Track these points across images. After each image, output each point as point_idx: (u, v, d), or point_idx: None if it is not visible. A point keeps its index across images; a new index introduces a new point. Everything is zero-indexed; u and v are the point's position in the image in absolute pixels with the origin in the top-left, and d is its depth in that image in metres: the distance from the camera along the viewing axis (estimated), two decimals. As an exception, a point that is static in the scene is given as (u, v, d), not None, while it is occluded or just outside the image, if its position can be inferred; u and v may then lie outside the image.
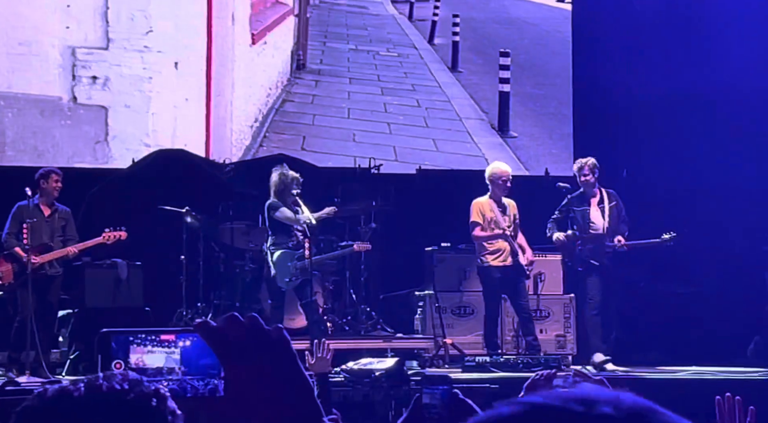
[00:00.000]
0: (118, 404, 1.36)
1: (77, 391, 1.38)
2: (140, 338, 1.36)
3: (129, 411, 1.36)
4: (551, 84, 13.15)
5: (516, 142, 12.97)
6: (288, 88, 12.88)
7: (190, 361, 1.37)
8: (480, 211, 9.94)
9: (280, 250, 9.89)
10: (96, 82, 11.73)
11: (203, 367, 1.29)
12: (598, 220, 10.12)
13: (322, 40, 13.23)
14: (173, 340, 1.39)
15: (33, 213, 9.14)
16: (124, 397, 1.37)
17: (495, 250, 9.91)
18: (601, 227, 10.11)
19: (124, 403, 1.37)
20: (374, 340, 10.37)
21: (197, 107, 12.12)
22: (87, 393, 1.37)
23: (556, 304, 10.76)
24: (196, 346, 1.34)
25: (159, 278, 10.56)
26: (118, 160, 11.71)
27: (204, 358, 1.30)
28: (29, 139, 11.56)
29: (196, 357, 1.37)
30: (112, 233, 9.49)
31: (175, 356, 1.36)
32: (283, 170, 9.80)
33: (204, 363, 1.30)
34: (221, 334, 1.44)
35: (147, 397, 1.39)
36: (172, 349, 1.37)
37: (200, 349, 1.29)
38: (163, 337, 1.40)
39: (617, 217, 10.11)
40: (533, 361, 9.68)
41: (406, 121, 12.90)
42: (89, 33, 11.75)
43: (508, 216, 9.98)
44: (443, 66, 13.39)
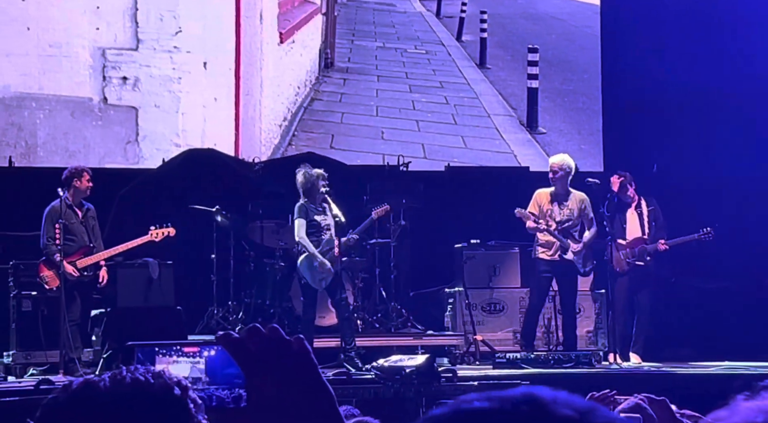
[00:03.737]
0: (142, 395, 1.40)
1: (102, 383, 1.41)
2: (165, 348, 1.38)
3: (152, 401, 1.39)
4: (580, 79, 13.10)
5: (544, 138, 12.94)
6: (316, 87, 12.91)
7: (214, 370, 1.39)
8: (537, 202, 9.85)
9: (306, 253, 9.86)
10: (126, 83, 11.81)
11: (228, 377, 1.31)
12: (634, 224, 10.13)
13: (350, 38, 13.25)
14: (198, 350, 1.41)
15: (67, 214, 9.21)
16: (147, 388, 1.40)
17: (544, 242, 9.84)
18: (637, 231, 10.12)
19: (147, 394, 1.40)
20: (404, 338, 10.39)
21: (226, 107, 12.18)
22: (111, 385, 1.40)
23: (586, 301, 10.72)
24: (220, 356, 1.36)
25: (190, 277, 10.62)
26: (149, 160, 11.79)
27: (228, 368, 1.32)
28: (60, 140, 11.66)
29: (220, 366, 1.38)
30: (160, 230, 9.54)
31: (200, 366, 1.38)
32: (306, 169, 9.81)
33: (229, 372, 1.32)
34: (243, 345, 1.46)
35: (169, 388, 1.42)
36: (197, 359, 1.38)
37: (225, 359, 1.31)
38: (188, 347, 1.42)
39: (655, 221, 10.10)
40: (564, 357, 9.65)
41: (435, 119, 12.90)
42: (119, 34, 11.83)
43: (565, 209, 9.83)
44: (471, 62, 13.37)
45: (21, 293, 9.55)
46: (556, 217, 9.77)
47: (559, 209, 9.79)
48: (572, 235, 9.82)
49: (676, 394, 8.00)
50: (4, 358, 9.58)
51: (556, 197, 9.83)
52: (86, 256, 9.28)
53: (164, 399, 1.40)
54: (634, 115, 12.50)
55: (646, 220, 10.18)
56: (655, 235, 10.13)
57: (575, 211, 9.82)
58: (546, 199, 9.82)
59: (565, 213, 9.79)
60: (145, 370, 1.44)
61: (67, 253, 9.15)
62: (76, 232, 9.25)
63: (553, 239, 9.75)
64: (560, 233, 9.74)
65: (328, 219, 9.74)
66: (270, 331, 1.49)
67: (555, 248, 9.78)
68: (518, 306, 10.59)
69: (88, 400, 1.38)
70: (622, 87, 12.62)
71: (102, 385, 1.40)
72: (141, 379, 1.41)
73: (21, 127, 11.52)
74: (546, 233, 9.73)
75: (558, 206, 9.80)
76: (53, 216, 9.21)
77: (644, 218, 10.18)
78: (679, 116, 12.32)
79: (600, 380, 9.09)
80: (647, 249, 10.09)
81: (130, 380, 1.41)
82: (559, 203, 9.81)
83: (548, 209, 9.77)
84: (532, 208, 9.81)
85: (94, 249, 9.36)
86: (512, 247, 10.86)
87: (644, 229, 10.16)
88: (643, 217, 10.18)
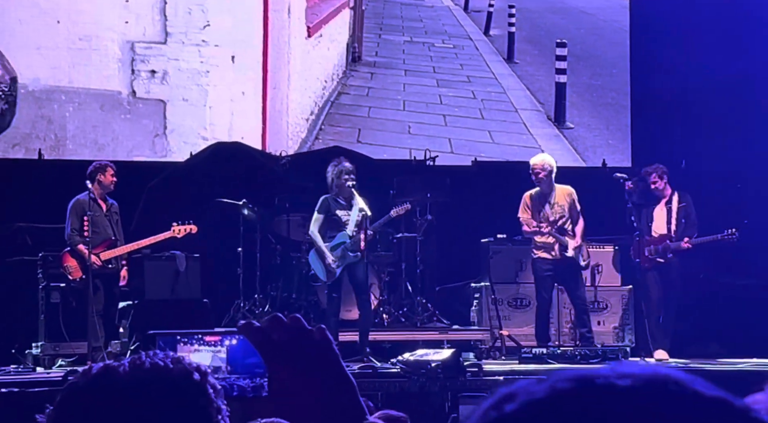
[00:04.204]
0: (161, 380, 1.39)
1: (121, 368, 1.41)
2: (187, 337, 1.39)
3: (172, 386, 1.39)
4: (608, 74, 13.03)
5: (572, 133, 12.88)
6: (343, 81, 12.91)
7: (236, 360, 1.39)
8: (527, 205, 9.85)
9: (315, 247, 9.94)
10: (154, 76, 11.86)
11: (249, 366, 1.31)
12: (661, 220, 10.04)
13: (377, 33, 13.24)
14: (219, 339, 1.41)
15: (92, 207, 9.27)
16: (166, 373, 1.40)
17: (542, 244, 9.83)
18: (663, 227, 10.03)
19: (166, 379, 1.39)
20: (430, 332, 10.39)
21: (254, 100, 12.21)
22: (131, 369, 1.40)
23: (614, 296, 10.67)
24: (242, 345, 1.36)
25: (216, 270, 10.66)
26: (176, 153, 11.84)
27: (250, 358, 1.32)
28: (89, 132, 11.73)
29: (242, 356, 1.39)
30: (182, 227, 9.60)
31: (221, 355, 1.38)
32: (335, 162, 9.83)
33: (250, 362, 1.32)
34: (265, 335, 1.46)
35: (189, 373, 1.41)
36: (218, 348, 1.39)
37: (246, 349, 1.30)
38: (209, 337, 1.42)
39: (685, 218, 9.99)
40: (591, 352, 9.62)
41: (462, 113, 12.87)
42: (148, 27, 11.89)
43: (556, 207, 9.82)
44: (499, 57, 13.33)
45: (50, 285, 9.63)
46: (550, 217, 9.76)
47: (551, 208, 9.78)
48: (568, 232, 9.81)
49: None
50: (33, 349, 9.66)
51: (545, 197, 9.82)
52: (109, 249, 9.34)
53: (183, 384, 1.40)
54: (663, 111, 12.42)
55: (674, 216, 10.09)
56: (684, 232, 10.01)
57: (565, 206, 9.82)
58: (535, 200, 9.81)
59: (557, 211, 9.80)
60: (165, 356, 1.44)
61: (92, 245, 9.21)
62: (100, 225, 9.31)
63: (551, 240, 9.74)
64: (557, 232, 9.73)
65: (350, 214, 9.75)
66: (291, 320, 1.49)
67: (557, 248, 9.74)
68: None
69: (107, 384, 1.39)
70: (651, 82, 12.54)
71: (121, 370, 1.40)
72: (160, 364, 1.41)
73: (51, 120, 11.60)
74: (545, 234, 9.72)
75: (548, 206, 9.78)
76: (78, 208, 9.28)
77: (672, 214, 10.09)
78: (708, 111, 12.23)
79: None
80: (670, 246, 9.99)
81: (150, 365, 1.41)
82: (549, 203, 9.79)
83: (540, 210, 9.74)
84: (523, 212, 9.80)
85: (117, 242, 9.42)
86: (539, 242, 10.81)
87: (670, 226, 10.06)
88: (672, 213, 10.09)
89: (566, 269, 9.82)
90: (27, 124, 11.50)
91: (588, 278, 10.50)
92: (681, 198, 10.11)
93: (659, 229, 10.09)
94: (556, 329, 10.48)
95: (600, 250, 10.73)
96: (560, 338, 10.43)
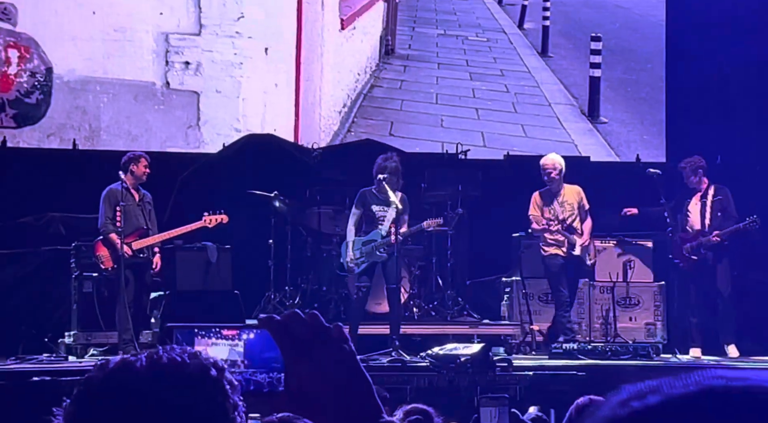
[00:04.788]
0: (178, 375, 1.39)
1: (138, 362, 1.40)
2: (204, 331, 1.38)
3: (189, 381, 1.39)
4: (643, 69, 12.92)
5: (606, 128, 12.79)
6: (376, 74, 12.90)
7: (253, 354, 1.39)
8: (537, 204, 9.88)
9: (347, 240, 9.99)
10: (188, 68, 11.91)
11: (266, 361, 1.31)
12: (695, 215, 9.95)
13: (410, 26, 13.21)
14: (237, 333, 1.41)
15: (125, 197, 9.33)
16: (183, 369, 1.39)
17: (553, 241, 9.84)
18: (698, 222, 9.94)
19: (183, 374, 1.39)
20: (460, 326, 10.36)
21: (286, 92, 12.23)
22: (148, 364, 1.39)
23: (645, 292, 10.60)
24: (259, 340, 1.36)
25: (247, 262, 10.69)
26: (209, 144, 11.89)
27: (267, 352, 1.31)
28: (123, 123, 11.80)
29: (259, 350, 1.38)
30: (213, 217, 9.64)
31: (238, 349, 1.38)
32: (383, 156, 9.81)
33: (267, 356, 1.32)
34: (285, 329, 1.46)
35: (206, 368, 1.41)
36: (235, 342, 1.38)
37: (264, 343, 1.31)
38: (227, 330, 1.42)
39: (720, 212, 9.88)
40: (622, 349, 9.57)
41: (495, 107, 12.82)
42: (182, 19, 11.93)
43: (566, 205, 9.84)
44: (533, 51, 13.26)
45: (82, 274, 9.70)
46: (559, 215, 9.81)
47: (560, 207, 9.83)
48: (576, 231, 9.85)
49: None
50: (66, 338, 9.74)
51: (555, 196, 9.88)
52: (141, 238, 9.39)
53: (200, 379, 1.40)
54: (698, 105, 12.30)
55: (708, 209, 9.97)
56: (720, 226, 9.90)
57: (575, 205, 9.88)
58: (545, 199, 9.87)
59: (567, 209, 9.86)
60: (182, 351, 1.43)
61: (123, 234, 9.26)
62: (132, 214, 9.36)
63: (561, 238, 9.76)
64: (566, 230, 9.77)
65: (387, 210, 9.75)
66: (310, 317, 1.49)
67: (565, 246, 9.78)
68: (576, 297, 10.50)
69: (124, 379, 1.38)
70: (686, 76, 12.42)
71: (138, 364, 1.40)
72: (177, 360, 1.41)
73: (85, 111, 11.68)
74: (555, 233, 9.73)
75: (558, 204, 9.83)
76: (111, 198, 9.34)
77: (707, 208, 9.98)
78: (744, 106, 12.10)
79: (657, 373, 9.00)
80: (702, 242, 9.90)
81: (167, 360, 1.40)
82: (558, 201, 9.84)
83: (550, 209, 9.75)
84: (533, 210, 9.84)
85: (149, 231, 9.47)
86: (571, 238, 10.76)
87: (704, 220, 9.96)
88: (706, 207, 9.98)
89: (573, 267, 9.86)
90: (62, 115, 11.59)
91: (620, 274, 10.44)
92: (717, 191, 10.00)
93: (695, 225, 10.00)
94: (587, 325, 10.43)
95: (633, 245, 10.65)
96: (591, 334, 10.38)
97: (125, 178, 9.34)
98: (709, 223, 9.93)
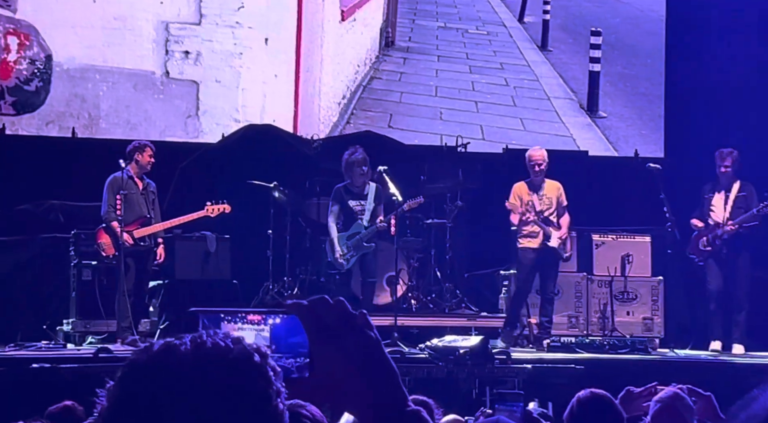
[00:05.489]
0: (222, 360, 1.38)
1: (183, 346, 1.39)
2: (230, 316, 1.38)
3: (232, 367, 1.37)
4: (643, 64, 12.94)
5: (605, 123, 12.81)
6: (376, 66, 12.89)
7: (279, 339, 1.39)
8: (517, 194, 9.92)
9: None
10: (188, 57, 11.89)
11: (293, 346, 1.31)
12: (719, 209, 9.99)
13: (411, 18, 13.20)
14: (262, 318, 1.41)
15: (128, 185, 9.32)
16: (227, 353, 1.39)
17: (528, 233, 9.90)
18: (720, 216, 9.98)
19: (227, 360, 1.38)
20: (458, 319, 10.38)
21: (286, 83, 12.21)
22: (192, 348, 1.38)
23: (643, 287, 10.62)
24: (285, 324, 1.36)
25: (246, 252, 10.69)
26: (208, 134, 11.87)
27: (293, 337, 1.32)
28: (122, 112, 11.77)
29: (285, 335, 1.38)
30: (216, 206, 9.63)
31: (264, 334, 1.38)
32: (348, 151, 9.97)
33: (294, 341, 1.32)
34: (313, 314, 1.47)
35: (250, 354, 1.40)
36: (261, 327, 1.38)
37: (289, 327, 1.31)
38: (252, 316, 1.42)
39: (745, 208, 9.91)
40: (620, 343, 9.60)
41: (494, 100, 12.82)
42: (182, 8, 11.91)
43: (544, 198, 9.93)
44: (533, 44, 13.26)
45: (81, 262, 9.70)
46: (537, 206, 9.91)
47: (539, 199, 9.94)
48: (553, 223, 9.92)
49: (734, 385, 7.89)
50: (64, 325, 9.74)
51: (535, 188, 10.00)
52: (143, 227, 9.38)
53: (244, 365, 1.38)
54: (697, 101, 12.32)
55: (730, 203, 10.00)
56: (743, 220, 9.91)
57: (553, 199, 10.00)
58: (525, 190, 9.99)
59: (545, 202, 9.98)
60: (225, 336, 1.42)
61: (125, 222, 9.26)
62: (135, 203, 9.36)
63: (537, 229, 9.83)
64: (542, 222, 9.83)
65: (364, 204, 9.88)
66: (336, 303, 1.50)
67: (540, 237, 9.83)
68: (573, 290, 10.53)
69: (169, 362, 1.37)
70: (685, 72, 12.43)
71: (183, 348, 1.39)
72: (221, 345, 1.39)
73: (84, 99, 11.65)
74: (531, 224, 9.82)
75: (537, 196, 9.94)
76: (115, 186, 9.33)
77: (729, 202, 10.01)
78: (744, 103, 12.12)
79: (655, 367, 9.03)
80: (718, 234, 9.95)
81: (211, 344, 1.39)
82: (537, 194, 9.96)
83: (528, 200, 9.90)
84: (513, 199, 9.96)
85: (152, 220, 9.46)
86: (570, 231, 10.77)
87: (725, 214, 9.98)
88: (728, 201, 10.01)
89: (547, 258, 9.92)
90: (61, 103, 11.56)
91: (618, 268, 10.47)
92: (742, 187, 10.05)
93: (717, 218, 10.04)
94: (585, 319, 10.46)
95: (631, 240, 10.69)
96: (588, 328, 10.41)
97: (129, 167, 9.34)
98: (728, 217, 9.96)
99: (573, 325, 10.37)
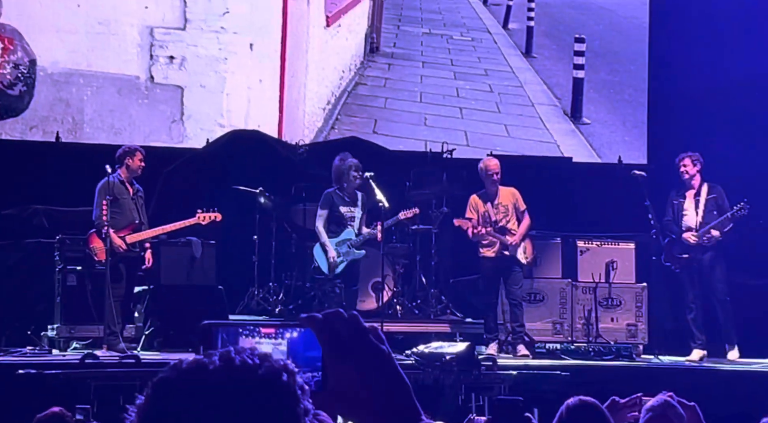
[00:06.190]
0: (250, 378, 1.38)
1: (212, 364, 1.39)
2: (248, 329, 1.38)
3: (260, 385, 1.38)
4: (626, 70, 13.01)
5: (589, 129, 12.87)
6: (361, 71, 12.90)
7: (296, 352, 1.39)
8: (473, 207, 10.00)
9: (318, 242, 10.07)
10: (173, 62, 11.86)
11: (310, 360, 1.31)
12: (691, 213, 9.97)
13: (396, 24, 13.22)
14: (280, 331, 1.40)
15: (119, 190, 9.28)
16: (255, 372, 1.39)
17: (488, 243, 9.97)
18: (693, 220, 9.95)
19: (255, 378, 1.38)
20: (443, 325, 10.40)
21: (271, 88, 12.21)
22: (222, 365, 1.39)
23: (627, 293, 10.66)
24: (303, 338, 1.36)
25: (232, 257, 10.68)
26: (193, 139, 11.85)
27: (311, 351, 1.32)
28: (107, 117, 11.73)
29: (303, 349, 1.38)
30: (207, 214, 9.61)
31: (281, 348, 1.37)
32: (342, 156, 9.98)
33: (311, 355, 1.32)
34: (328, 327, 1.47)
35: (278, 372, 1.40)
36: (278, 341, 1.38)
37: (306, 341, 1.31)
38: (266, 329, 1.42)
39: (717, 210, 9.89)
40: (604, 349, 9.63)
41: (478, 106, 12.86)
42: (167, 13, 11.88)
43: (500, 207, 9.99)
44: (517, 51, 13.31)
45: (66, 268, 9.65)
46: (492, 217, 9.95)
47: (494, 209, 10.00)
48: (509, 231, 9.97)
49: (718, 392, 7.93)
50: (49, 331, 9.69)
51: (490, 198, 10.05)
52: (135, 232, 9.35)
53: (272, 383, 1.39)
54: (680, 108, 12.40)
55: (702, 207, 9.97)
56: (716, 224, 9.88)
57: (509, 206, 10.04)
58: (480, 202, 10.03)
59: (501, 211, 10.03)
60: (251, 353, 1.42)
61: (117, 227, 9.21)
62: (126, 208, 9.32)
63: (494, 239, 9.89)
64: (498, 232, 9.91)
65: (354, 211, 9.89)
66: (350, 317, 1.50)
67: (498, 245, 9.92)
68: (558, 297, 10.56)
69: (198, 379, 1.37)
70: (668, 79, 12.52)
71: (212, 367, 1.39)
72: (249, 362, 1.40)
73: (68, 103, 11.61)
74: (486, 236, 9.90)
75: (491, 206, 10.00)
76: (105, 190, 9.29)
77: (700, 206, 9.97)
78: (726, 109, 12.20)
79: (640, 374, 9.08)
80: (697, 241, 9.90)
81: (239, 362, 1.40)
82: (492, 203, 10.01)
83: (484, 211, 9.94)
84: (470, 214, 10.01)
85: (142, 226, 9.43)
86: (554, 238, 10.83)
87: (698, 219, 9.93)
88: (699, 205, 9.98)
89: (506, 266, 9.97)
90: (45, 107, 11.51)
91: (603, 275, 10.50)
92: (710, 189, 9.99)
93: (690, 223, 9.98)
94: (569, 325, 10.49)
95: (615, 246, 10.72)
96: (573, 334, 10.44)
97: (120, 171, 9.31)
98: (701, 221, 9.92)
99: (557, 331, 10.39)
